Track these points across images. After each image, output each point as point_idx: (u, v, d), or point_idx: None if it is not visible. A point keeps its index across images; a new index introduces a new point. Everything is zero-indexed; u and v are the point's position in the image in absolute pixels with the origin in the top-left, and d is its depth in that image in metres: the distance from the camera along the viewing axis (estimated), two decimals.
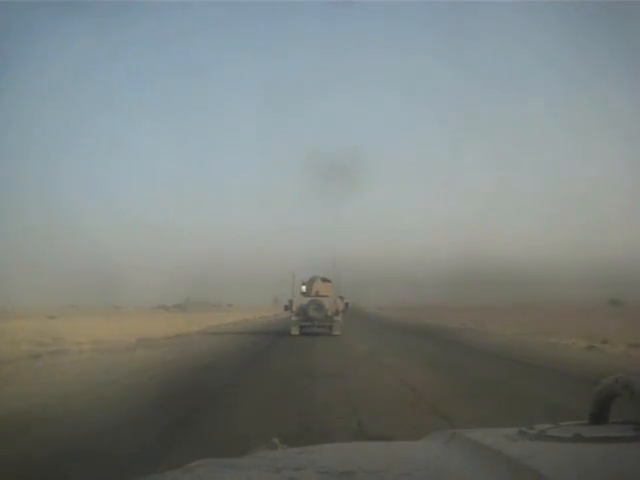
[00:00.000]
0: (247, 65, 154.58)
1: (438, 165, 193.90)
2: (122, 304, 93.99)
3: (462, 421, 6.89)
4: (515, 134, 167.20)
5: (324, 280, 26.10)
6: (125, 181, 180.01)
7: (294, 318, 25.05)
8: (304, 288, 25.89)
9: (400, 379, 11.29)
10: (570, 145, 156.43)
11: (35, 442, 6.17)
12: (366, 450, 1.33)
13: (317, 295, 25.21)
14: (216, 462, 1.18)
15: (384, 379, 11.54)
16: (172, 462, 1.72)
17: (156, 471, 1.20)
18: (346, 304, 26.09)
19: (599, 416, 1.25)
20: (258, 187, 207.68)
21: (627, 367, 12.22)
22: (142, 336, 22.34)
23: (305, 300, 24.95)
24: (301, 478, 1.04)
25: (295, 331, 24.82)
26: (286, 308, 26.25)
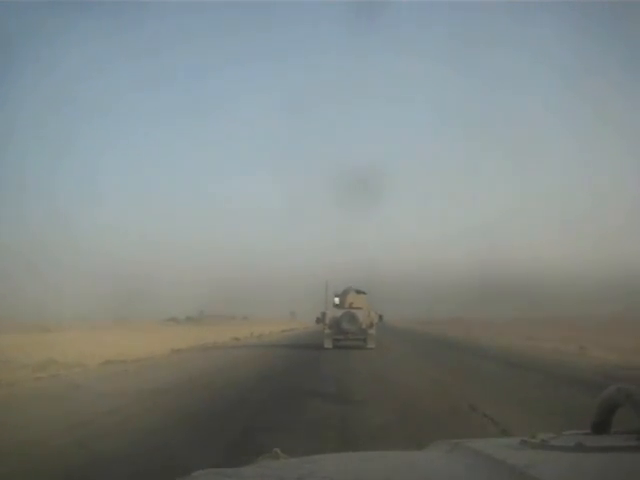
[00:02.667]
0: (272, 78, 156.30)
1: (458, 179, 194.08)
2: (134, 316, 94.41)
3: None
4: (533, 147, 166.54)
5: (358, 292, 26.07)
6: (146, 194, 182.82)
7: (327, 331, 25.07)
8: (337, 300, 25.84)
9: None
10: (587, 157, 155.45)
11: None
12: (368, 460, 1.36)
13: (351, 307, 25.23)
14: (218, 472, 1.22)
15: None
16: None
17: None
18: (380, 316, 26.10)
19: (601, 426, 1.28)
20: (278, 202, 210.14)
21: None
22: (114, 357, 19.95)
23: (338, 312, 24.94)
24: None
25: (328, 344, 24.84)
26: (318, 321, 26.22)
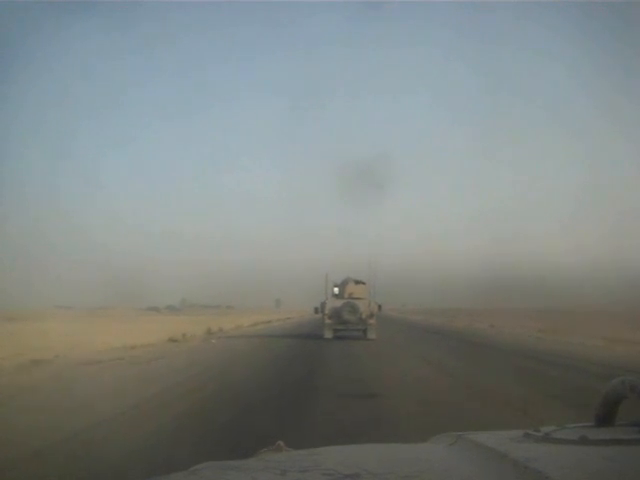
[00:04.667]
0: (275, 69, 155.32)
1: (466, 170, 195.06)
2: (117, 305, 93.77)
3: None
4: (544, 136, 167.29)
5: (357, 282, 26.24)
6: (131, 183, 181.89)
7: (327, 321, 25.30)
8: (336, 290, 26.00)
9: None
10: (599, 146, 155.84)
11: None
12: (371, 452, 1.38)
13: (350, 297, 25.43)
14: (222, 465, 1.23)
15: None
16: None
17: None
18: (379, 306, 26.54)
19: (605, 418, 1.31)
20: (268, 192, 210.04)
21: None
22: (47, 356, 16.53)
23: (338, 303, 25.12)
24: None
25: (329, 334, 25.10)
26: (316, 311, 26.69)
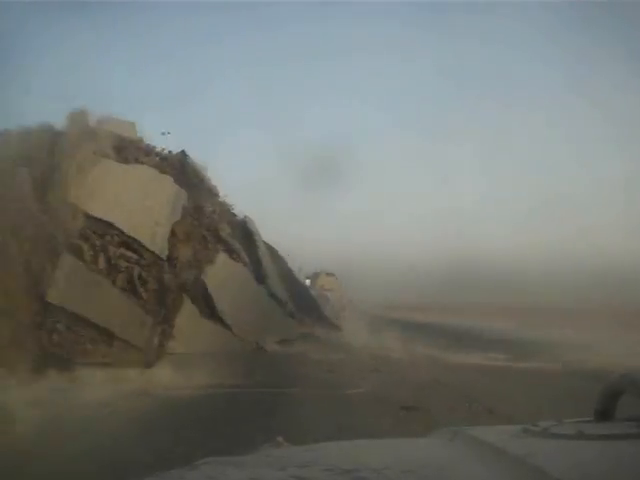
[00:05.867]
0: (230, 63, 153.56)
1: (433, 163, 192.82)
2: None
3: None
4: (510, 132, 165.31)
5: (328, 274, 26.88)
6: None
7: None
8: (308, 282, 26.30)
9: None
10: (568, 143, 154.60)
11: None
12: (370, 448, 1.40)
13: (322, 289, 25.81)
14: (222, 460, 1.26)
15: None
16: None
17: None
18: (349, 300, 26.89)
19: (604, 413, 1.31)
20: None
21: None
22: None
23: None
24: (305, 475, 1.10)
25: None
26: None
